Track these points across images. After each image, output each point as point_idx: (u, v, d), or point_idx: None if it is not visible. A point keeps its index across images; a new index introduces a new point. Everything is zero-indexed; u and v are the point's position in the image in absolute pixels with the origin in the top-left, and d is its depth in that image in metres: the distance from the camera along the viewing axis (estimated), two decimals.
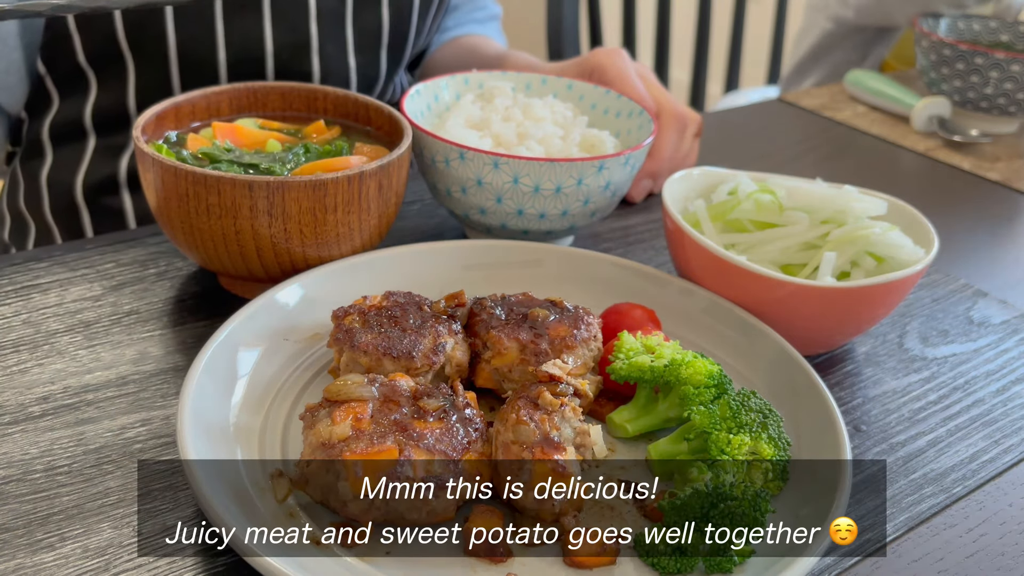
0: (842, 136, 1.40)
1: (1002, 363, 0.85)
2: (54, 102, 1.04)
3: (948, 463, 0.72)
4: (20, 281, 0.81)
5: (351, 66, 1.09)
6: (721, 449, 0.62)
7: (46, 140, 1.06)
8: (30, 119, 1.07)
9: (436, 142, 0.85)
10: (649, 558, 0.57)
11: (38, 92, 1.05)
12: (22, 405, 0.68)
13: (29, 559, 0.56)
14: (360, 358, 0.66)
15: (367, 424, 0.58)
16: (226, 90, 0.87)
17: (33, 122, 1.07)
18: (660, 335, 0.71)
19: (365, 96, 0.89)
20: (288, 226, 0.74)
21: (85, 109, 1.03)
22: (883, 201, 0.84)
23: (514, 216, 0.86)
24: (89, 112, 1.03)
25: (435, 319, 0.70)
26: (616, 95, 0.99)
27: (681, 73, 2.70)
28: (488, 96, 0.99)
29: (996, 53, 1.34)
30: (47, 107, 1.05)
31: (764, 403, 0.65)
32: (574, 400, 0.65)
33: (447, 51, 1.31)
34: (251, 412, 0.66)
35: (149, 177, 0.75)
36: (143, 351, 0.75)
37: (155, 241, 0.89)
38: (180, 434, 0.58)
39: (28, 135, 1.08)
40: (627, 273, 0.82)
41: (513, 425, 0.60)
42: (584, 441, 0.63)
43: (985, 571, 0.63)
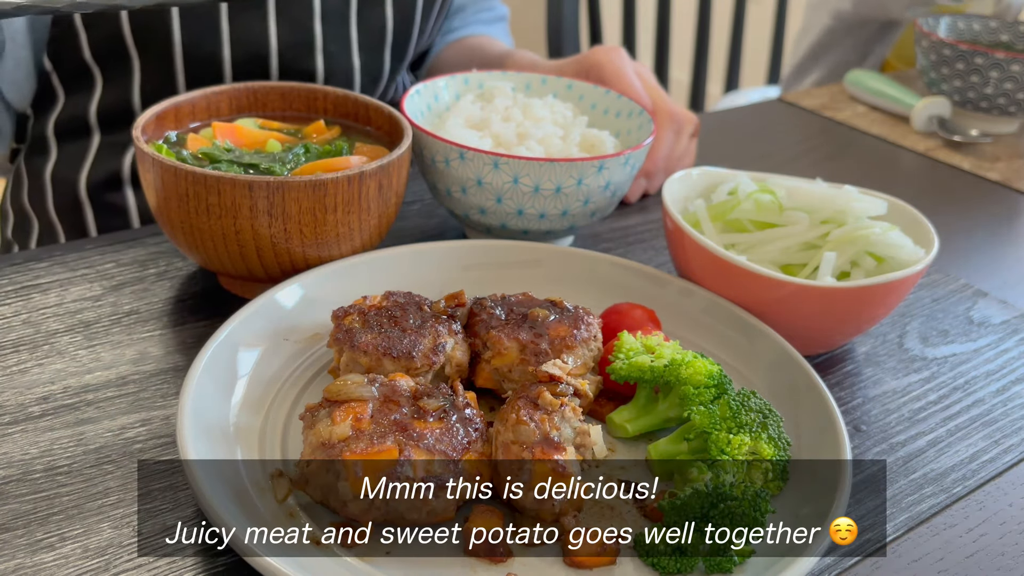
0: (842, 136, 1.40)
1: (1002, 363, 0.85)
2: (59, 99, 1.05)
3: (948, 463, 0.72)
4: (20, 281, 0.81)
5: (355, 65, 1.09)
6: (721, 449, 0.62)
7: (51, 137, 1.07)
8: (35, 116, 1.08)
9: (436, 142, 0.85)
10: (649, 558, 0.57)
11: (44, 89, 1.05)
12: (22, 405, 0.68)
13: (29, 559, 0.56)
14: (360, 358, 0.66)
15: (367, 424, 0.58)
16: (226, 90, 0.87)
17: (38, 119, 1.07)
18: (660, 335, 0.71)
19: (365, 96, 0.89)
20: (288, 226, 0.73)
21: (90, 106, 1.03)
22: (883, 201, 0.84)
23: (514, 216, 0.86)
24: (94, 109, 1.03)
25: (435, 319, 0.70)
26: (616, 95, 0.99)
27: (681, 73, 2.70)
28: (488, 96, 0.99)
29: (996, 53, 1.34)
30: (52, 104, 1.05)
31: (764, 403, 0.65)
32: (574, 400, 0.65)
33: (452, 51, 1.31)
34: (251, 412, 0.66)
35: (149, 177, 0.75)
36: (143, 351, 0.75)
37: (155, 241, 0.89)
38: (180, 434, 0.58)
39: (33, 132, 1.08)
40: (627, 273, 0.82)
41: (513, 425, 0.60)
42: (584, 441, 0.63)
43: (985, 571, 0.63)
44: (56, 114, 1.05)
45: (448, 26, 1.32)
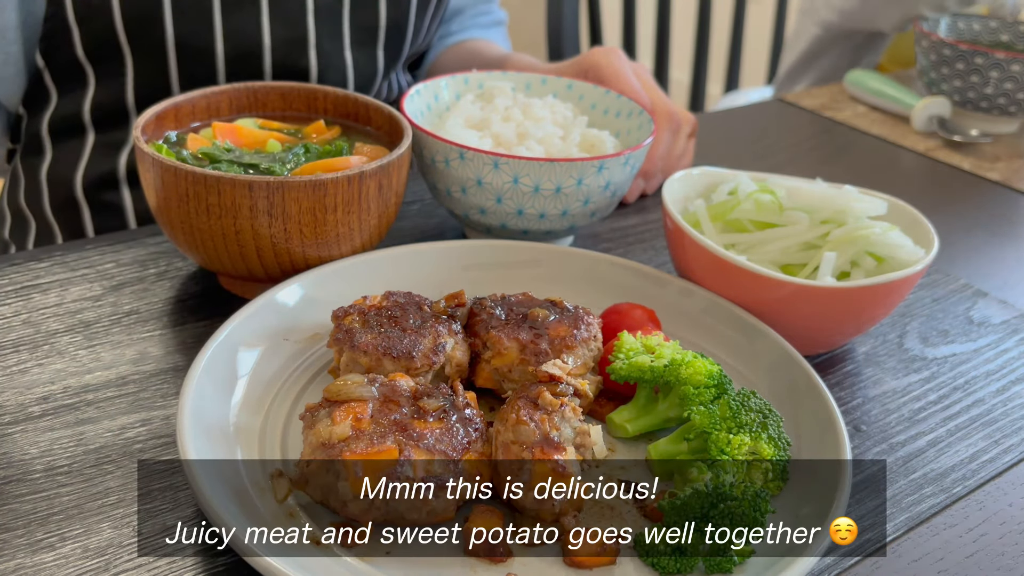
0: (842, 136, 1.40)
1: (1002, 363, 0.85)
2: (52, 97, 1.05)
3: (948, 463, 0.72)
4: (20, 281, 0.81)
5: (347, 62, 1.09)
6: (721, 449, 0.62)
7: (45, 136, 1.07)
8: (29, 115, 1.08)
9: (436, 142, 0.85)
10: (649, 558, 0.57)
11: (37, 87, 1.05)
12: (22, 405, 0.68)
13: (29, 559, 0.56)
14: (360, 358, 0.66)
15: (367, 424, 0.58)
16: (226, 90, 0.87)
17: (32, 118, 1.07)
18: (660, 335, 0.71)
19: (365, 96, 0.89)
20: (288, 226, 0.73)
21: (84, 104, 1.03)
22: (883, 201, 0.84)
23: (514, 216, 0.86)
24: (88, 107, 1.03)
25: (435, 319, 0.70)
26: (616, 95, 0.99)
27: (681, 74, 2.70)
28: (488, 96, 0.99)
29: (996, 53, 1.34)
30: (46, 103, 1.05)
31: (764, 403, 0.65)
32: (574, 400, 0.65)
33: (450, 55, 1.31)
34: (251, 412, 0.66)
35: (149, 177, 0.75)
36: (143, 351, 0.75)
37: (155, 241, 0.89)
38: (180, 434, 0.58)
39: (27, 131, 1.08)
40: (627, 273, 0.82)
41: (513, 425, 0.60)
42: (584, 441, 0.63)
43: (985, 571, 0.62)
44: (50, 113, 1.05)
45: (446, 30, 1.32)
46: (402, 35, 1.14)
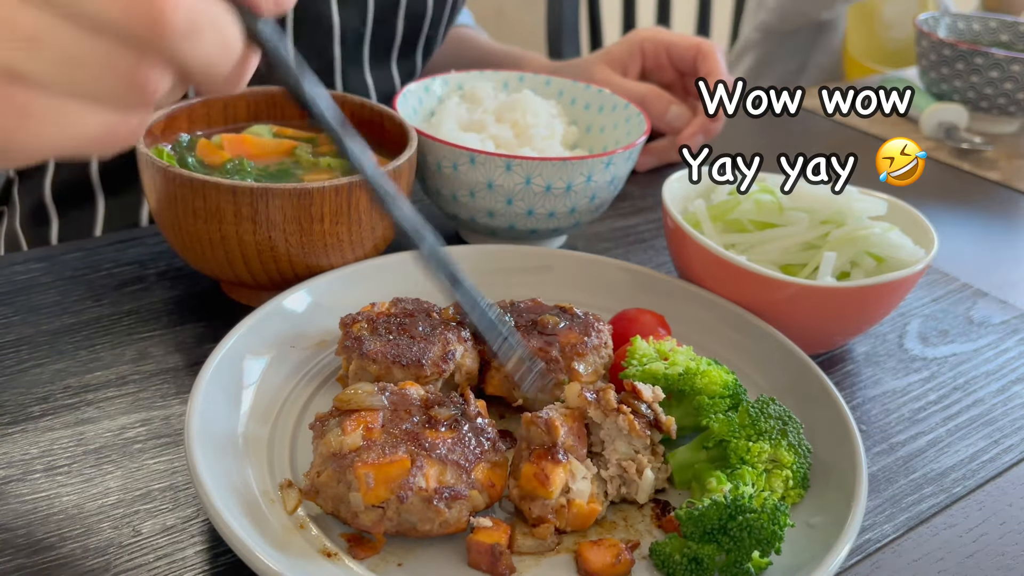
0: (842, 136, 1.40)
1: (1002, 363, 0.85)
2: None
3: (948, 463, 0.72)
4: (20, 281, 0.81)
5: (369, 84, 1.10)
6: (741, 457, 0.61)
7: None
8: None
9: (443, 147, 0.84)
10: (665, 569, 0.56)
11: None
12: (22, 405, 0.68)
13: (29, 559, 0.55)
14: (369, 366, 0.65)
15: (378, 434, 0.57)
16: (243, 95, 0.86)
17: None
18: (672, 340, 0.70)
19: (381, 105, 0.88)
20: (273, 234, 0.72)
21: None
22: (883, 201, 0.84)
23: (523, 216, 0.86)
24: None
25: (444, 326, 0.69)
26: (609, 93, 1.02)
27: None
28: (471, 97, 0.99)
29: (996, 53, 1.34)
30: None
31: (784, 409, 0.64)
32: (639, 421, 0.61)
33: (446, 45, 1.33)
34: (259, 421, 0.64)
35: (146, 178, 0.75)
36: (143, 351, 0.74)
37: (155, 241, 0.89)
38: (188, 445, 0.57)
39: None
40: (637, 278, 0.81)
41: (529, 422, 0.60)
42: (630, 468, 0.61)
43: (985, 571, 0.62)
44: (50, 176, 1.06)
45: None
46: (413, 48, 1.16)
